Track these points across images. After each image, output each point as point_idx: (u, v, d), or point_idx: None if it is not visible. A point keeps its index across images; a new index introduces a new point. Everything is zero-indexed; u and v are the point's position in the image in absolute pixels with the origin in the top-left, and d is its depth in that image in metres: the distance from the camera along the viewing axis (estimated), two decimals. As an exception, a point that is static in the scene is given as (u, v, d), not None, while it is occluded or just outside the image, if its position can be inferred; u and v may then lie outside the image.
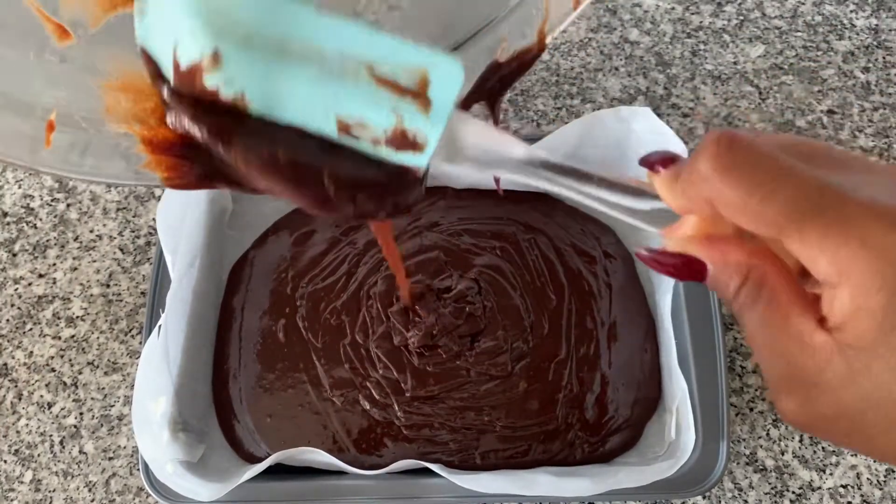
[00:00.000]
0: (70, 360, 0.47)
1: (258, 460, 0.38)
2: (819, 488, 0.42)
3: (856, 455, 0.42)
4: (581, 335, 0.44)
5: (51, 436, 0.45)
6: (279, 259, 0.48)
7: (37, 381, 0.47)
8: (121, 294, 0.49)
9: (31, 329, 0.48)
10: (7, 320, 0.49)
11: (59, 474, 0.44)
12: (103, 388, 0.46)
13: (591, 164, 0.50)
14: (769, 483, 0.42)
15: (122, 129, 0.24)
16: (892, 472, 0.42)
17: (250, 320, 0.46)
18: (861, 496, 0.41)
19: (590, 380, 0.43)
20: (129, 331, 0.48)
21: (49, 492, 0.43)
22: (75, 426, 0.45)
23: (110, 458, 0.44)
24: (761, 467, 0.42)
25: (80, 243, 0.51)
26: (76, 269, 0.50)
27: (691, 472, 0.38)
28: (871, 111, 0.53)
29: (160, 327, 0.39)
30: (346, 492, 0.39)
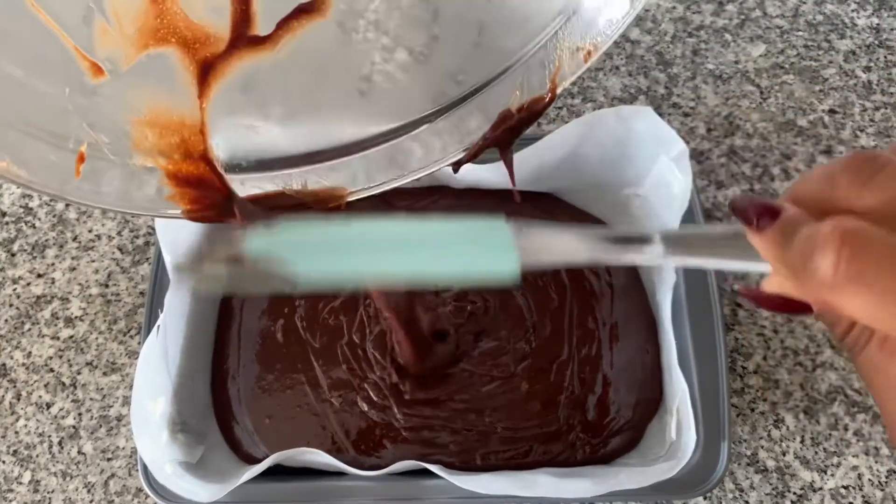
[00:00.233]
0: (69, 361, 0.47)
1: (257, 461, 0.38)
2: (820, 489, 0.41)
3: (857, 456, 0.42)
4: (583, 336, 0.44)
5: (49, 436, 0.45)
6: (279, 259, 0.47)
7: (35, 382, 0.46)
8: (119, 294, 0.49)
9: (29, 329, 0.48)
10: (6, 320, 0.48)
11: (57, 475, 0.44)
12: (102, 389, 0.46)
13: (591, 163, 0.50)
14: (770, 484, 0.42)
15: (147, 163, 0.26)
16: (894, 473, 0.42)
17: (249, 320, 0.46)
18: (862, 497, 0.41)
19: (591, 381, 0.43)
20: (128, 331, 0.48)
21: (48, 492, 0.43)
22: (74, 427, 0.45)
23: (109, 459, 0.44)
24: (762, 468, 0.42)
25: (79, 243, 0.51)
26: (75, 269, 0.50)
27: (692, 473, 0.38)
28: (872, 110, 0.53)
29: (159, 327, 0.39)
30: (346, 493, 0.39)
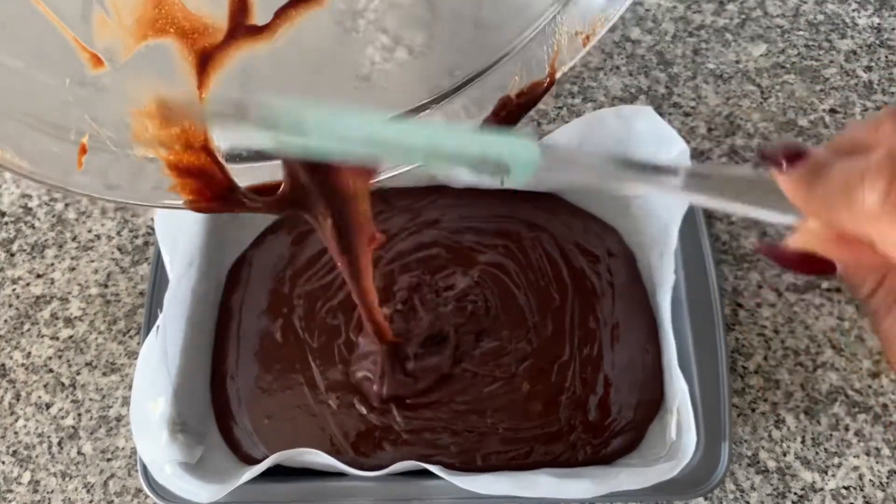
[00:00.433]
0: (68, 361, 0.47)
1: (257, 462, 0.38)
2: (821, 490, 0.41)
3: (858, 456, 0.42)
4: (584, 336, 0.44)
5: (49, 437, 0.45)
6: (277, 258, 0.47)
7: (35, 382, 0.46)
8: (119, 294, 0.49)
9: (28, 329, 0.48)
10: (5, 321, 0.48)
11: (57, 475, 0.44)
12: (101, 389, 0.46)
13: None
14: (771, 484, 0.42)
15: (149, 154, 0.26)
16: (895, 473, 0.42)
17: (248, 320, 0.45)
18: (863, 497, 0.41)
19: (593, 381, 0.43)
20: (128, 331, 0.47)
21: (47, 493, 0.43)
22: (73, 427, 0.45)
23: (109, 460, 0.44)
24: (763, 469, 0.42)
25: (79, 243, 0.51)
26: (74, 269, 0.50)
27: (693, 474, 0.38)
28: (873, 110, 0.52)
29: (158, 327, 0.38)
30: (346, 493, 0.39)
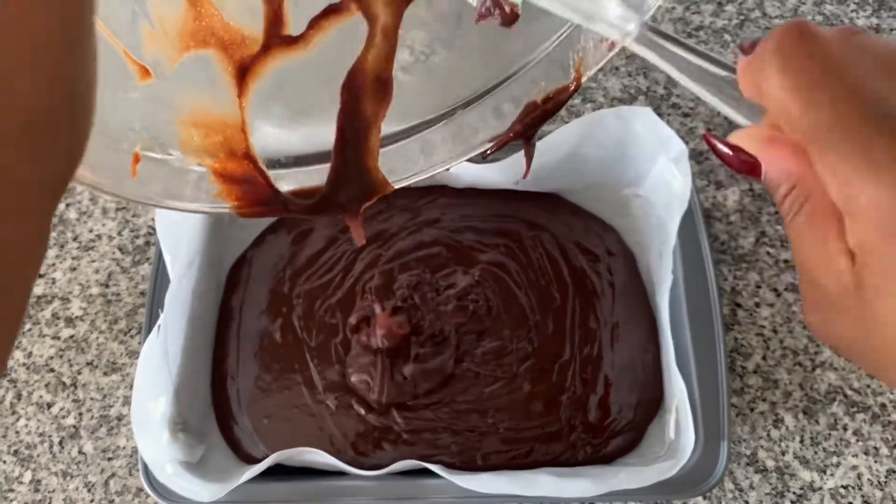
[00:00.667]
0: (69, 361, 0.47)
1: (257, 461, 0.38)
2: (820, 489, 0.42)
3: (856, 455, 0.42)
4: (584, 335, 0.44)
5: (50, 436, 0.45)
6: (277, 258, 0.47)
7: (36, 382, 0.46)
8: (120, 294, 0.49)
9: (30, 329, 0.48)
10: (6, 320, 0.48)
11: (58, 475, 0.44)
12: (102, 389, 0.46)
13: (591, 163, 0.50)
14: (770, 484, 0.42)
15: (195, 162, 0.27)
16: (893, 472, 0.42)
17: (249, 320, 0.46)
18: (862, 497, 0.41)
19: (593, 381, 0.43)
20: (129, 331, 0.48)
21: (48, 492, 0.43)
22: (74, 426, 0.45)
23: (109, 459, 0.44)
24: (762, 468, 0.42)
25: (80, 243, 0.51)
26: (75, 268, 0.50)
27: (692, 473, 0.38)
28: (872, 111, 0.52)
29: (159, 327, 0.39)
30: (346, 492, 0.39)
